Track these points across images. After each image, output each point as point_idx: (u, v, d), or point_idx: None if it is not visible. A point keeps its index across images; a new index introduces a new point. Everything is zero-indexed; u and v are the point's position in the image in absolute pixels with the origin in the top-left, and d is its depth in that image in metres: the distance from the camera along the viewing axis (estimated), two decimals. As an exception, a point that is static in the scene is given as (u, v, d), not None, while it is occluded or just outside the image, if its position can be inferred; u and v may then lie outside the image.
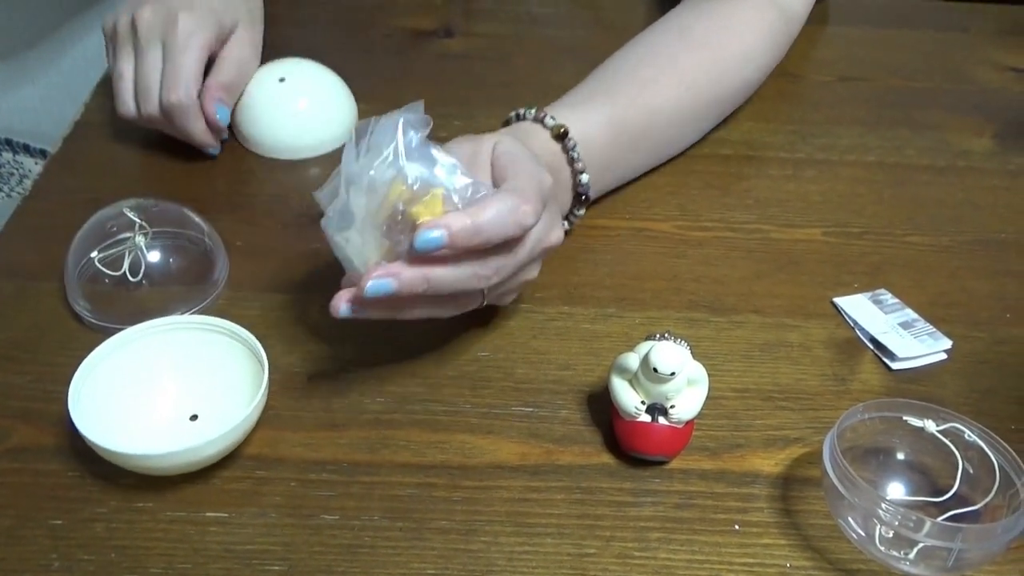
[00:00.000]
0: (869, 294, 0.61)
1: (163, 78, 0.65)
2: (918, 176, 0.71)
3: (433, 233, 0.45)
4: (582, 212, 0.62)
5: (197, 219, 0.59)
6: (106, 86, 0.77)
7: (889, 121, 0.77)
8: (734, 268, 0.63)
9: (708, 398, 0.50)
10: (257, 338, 0.51)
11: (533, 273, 0.54)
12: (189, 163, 0.69)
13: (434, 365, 0.55)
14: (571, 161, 0.60)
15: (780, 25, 0.73)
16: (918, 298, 0.61)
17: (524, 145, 0.54)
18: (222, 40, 0.68)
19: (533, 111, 0.61)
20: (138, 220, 0.57)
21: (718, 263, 0.63)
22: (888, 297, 0.61)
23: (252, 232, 0.63)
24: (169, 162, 0.69)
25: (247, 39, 0.70)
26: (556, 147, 0.60)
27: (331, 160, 0.69)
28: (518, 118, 0.62)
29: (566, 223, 0.62)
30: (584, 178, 0.60)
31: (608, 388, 0.50)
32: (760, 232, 0.66)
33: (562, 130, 0.60)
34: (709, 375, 0.50)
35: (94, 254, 0.57)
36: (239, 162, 0.69)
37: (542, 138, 0.60)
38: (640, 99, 0.64)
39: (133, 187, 0.66)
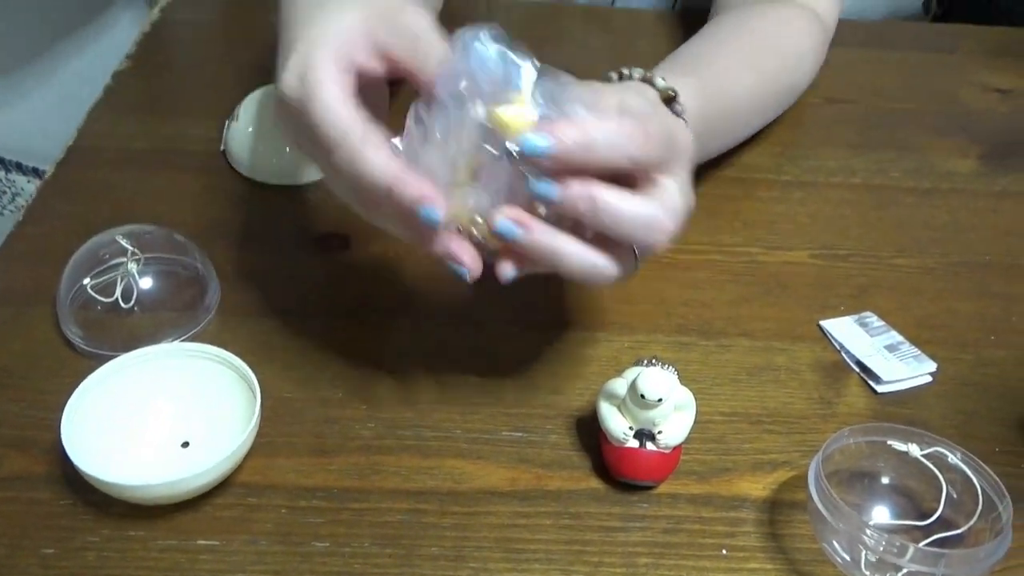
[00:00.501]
0: (855, 317, 0.61)
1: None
2: (904, 198, 0.72)
3: (539, 140, 0.43)
4: None
5: (189, 245, 0.60)
6: (99, 110, 0.77)
7: (875, 143, 0.78)
8: (722, 291, 0.63)
9: (696, 422, 0.50)
10: (249, 364, 0.52)
11: (659, 238, 0.47)
12: (182, 188, 0.69)
13: (424, 390, 0.56)
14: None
15: (821, 36, 0.76)
16: (903, 320, 0.61)
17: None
18: (356, 41, 0.46)
19: (640, 71, 0.58)
20: (130, 247, 0.57)
21: (706, 286, 0.64)
22: (874, 320, 0.61)
23: (244, 258, 0.64)
24: (162, 187, 0.69)
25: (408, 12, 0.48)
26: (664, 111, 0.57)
27: (319, 187, 0.70)
28: (620, 77, 0.58)
29: None
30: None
31: (597, 413, 0.51)
32: (748, 255, 0.67)
33: (672, 92, 0.57)
34: (697, 399, 0.51)
35: (86, 280, 0.57)
36: (232, 187, 0.70)
37: (649, 97, 0.56)
38: (717, 83, 0.63)
39: (126, 213, 0.66)
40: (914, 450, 0.49)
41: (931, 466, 0.49)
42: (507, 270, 0.47)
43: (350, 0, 0.47)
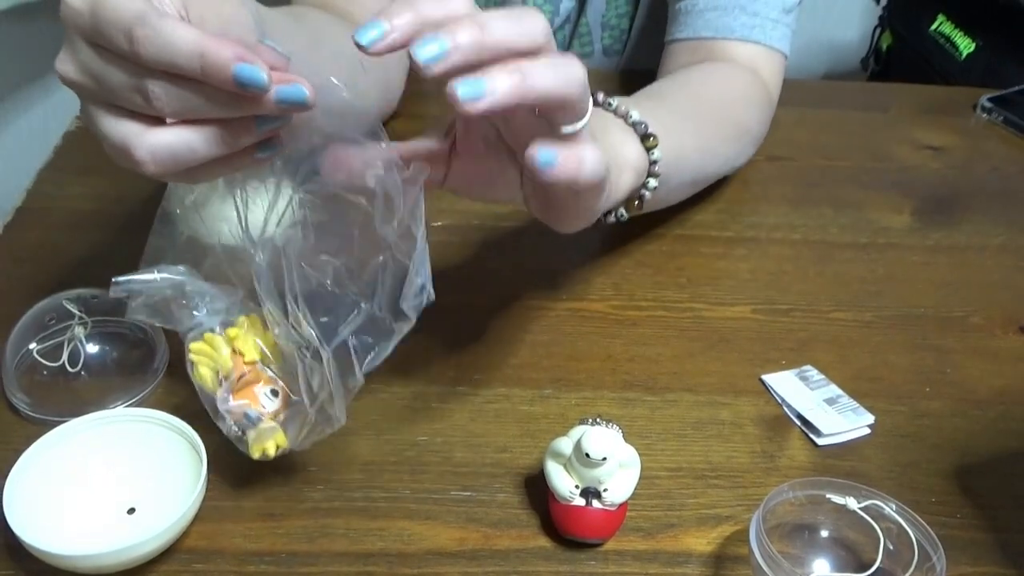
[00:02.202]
0: (796, 371, 0.63)
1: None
2: (841, 253, 0.75)
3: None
4: (658, 154, 0.58)
5: (137, 308, 0.60)
6: (48, 171, 0.77)
7: (814, 199, 0.80)
8: (667, 347, 0.65)
9: (642, 478, 0.51)
10: (196, 427, 0.52)
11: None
12: (130, 250, 0.69)
13: (373, 451, 0.56)
14: (607, 107, 0.58)
15: (768, 106, 0.79)
16: (842, 373, 0.63)
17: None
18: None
19: (613, 101, 0.58)
20: (77, 311, 0.57)
21: (652, 342, 0.65)
22: (814, 373, 0.63)
23: (193, 319, 0.64)
24: (111, 249, 0.69)
25: None
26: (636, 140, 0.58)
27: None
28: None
29: (652, 179, 0.59)
30: (635, 115, 0.58)
31: (544, 472, 0.51)
32: (692, 310, 0.68)
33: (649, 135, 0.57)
34: (643, 454, 0.51)
35: (33, 345, 0.57)
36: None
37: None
38: (677, 131, 0.63)
39: (74, 275, 0.66)
40: (852, 503, 0.50)
41: (868, 519, 0.50)
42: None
43: None
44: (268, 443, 0.49)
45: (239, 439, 0.50)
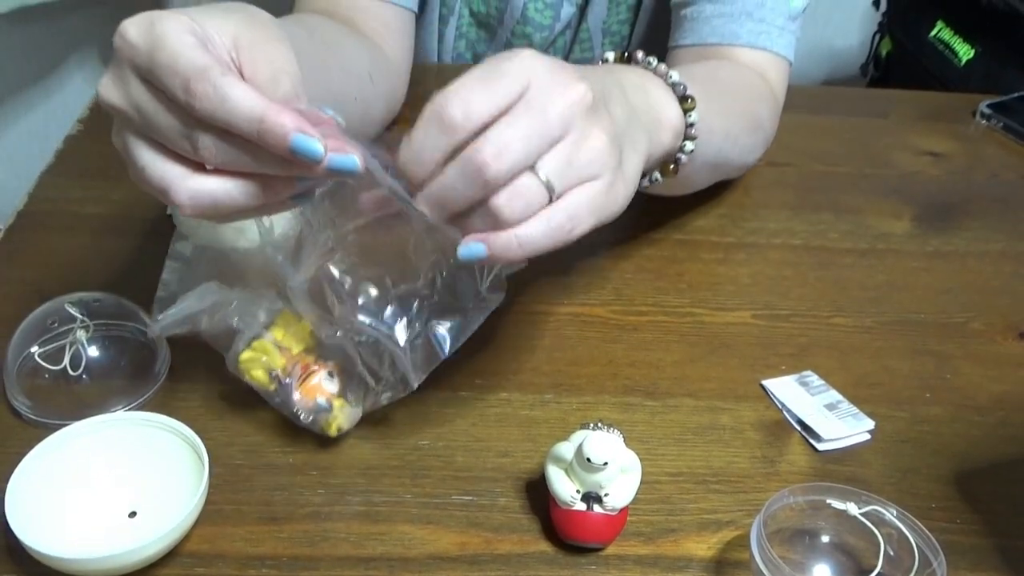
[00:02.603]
0: (796, 376, 0.63)
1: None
2: (841, 259, 0.75)
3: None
4: (695, 116, 0.58)
5: (139, 312, 0.60)
6: (50, 175, 0.77)
7: (814, 205, 0.81)
8: (668, 352, 0.65)
9: (643, 483, 0.51)
10: (198, 431, 0.52)
11: (590, 143, 0.45)
12: (132, 254, 0.70)
13: (375, 455, 0.56)
14: (647, 65, 0.58)
15: (777, 111, 0.79)
16: (842, 379, 0.63)
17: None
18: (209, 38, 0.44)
19: (648, 57, 0.59)
20: (79, 315, 0.57)
21: (652, 347, 0.65)
22: (814, 379, 0.63)
23: (195, 322, 0.64)
24: (112, 253, 0.70)
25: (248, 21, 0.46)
26: (622, 64, 0.58)
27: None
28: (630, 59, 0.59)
29: (689, 142, 0.59)
30: (674, 75, 0.58)
31: (545, 477, 0.51)
32: (693, 316, 0.68)
33: (624, 54, 0.57)
34: (644, 459, 0.52)
35: (34, 348, 0.57)
36: (183, 251, 0.70)
37: (600, 64, 0.57)
38: (706, 107, 0.61)
39: (76, 279, 0.66)
40: (852, 509, 0.50)
41: (869, 524, 0.50)
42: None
43: (231, 11, 0.45)
44: (342, 420, 0.55)
45: (312, 422, 0.54)
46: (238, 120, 0.41)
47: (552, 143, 0.44)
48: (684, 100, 0.58)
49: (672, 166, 0.60)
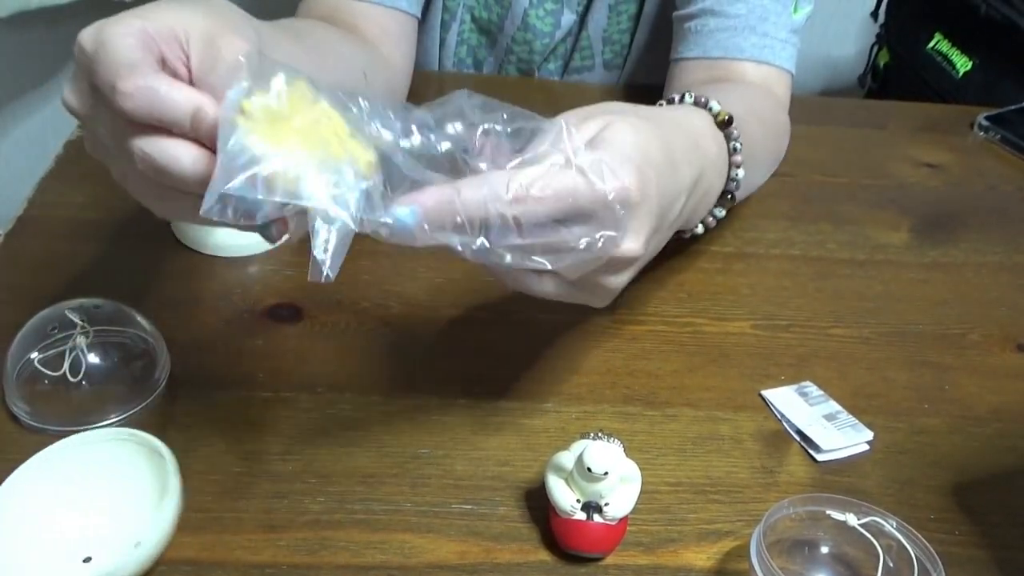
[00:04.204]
0: (795, 387, 0.63)
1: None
2: (840, 269, 0.75)
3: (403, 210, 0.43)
4: (722, 213, 0.60)
5: (139, 318, 0.60)
6: (49, 180, 0.77)
7: (812, 216, 0.81)
8: (667, 362, 0.65)
9: (642, 493, 0.51)
10: (196, 437, 0.52)
11: (614, 280, 0.49)
12: (132, 260, 0.70)
13: (374, 463, 0.56)
14: (731, 152, 0.58)
15: (785, 117, 0.80)
16: (841, 389, 0.63)
17: (682, 133, 0.52)
18: (167, 36, 0.43)
19: (692, 95, 0.58)
20: (79, 321, 0.57)
21: (652, 357, 0.65)
22: (813, 389, 0.63)
23: (194, 330, 0.64)
24: (112, 259, 0.70)
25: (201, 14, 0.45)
26: (719, 135, 0.57)
27: (271, 257, 0.71)
28: (670, 102, 0.59)
29: (701, 227, 0.61)
30: (739, 173, 0.58)
31: (545, 486, 0.52)
32: (692, 325, 0.68)
33: (727, 117, 0.57)
34: (644, 469, 0.52)
35: (34, 354, 0.57)
36: (182, 259, 0.70)
37: (706, 128, 0.56)
38: (744, 122, 0.62)
39: (76, 284, 0.66)
40: (851, 520, 0.50)
41: (868, 535, 0.50)
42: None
43: (190, 4, 0.45)
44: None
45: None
46: (169, 113, 0.40)
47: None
48: (725, 196, 0.61)
49: (730, 197, 0.62)
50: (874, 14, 1.30)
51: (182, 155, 0.41)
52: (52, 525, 0.50)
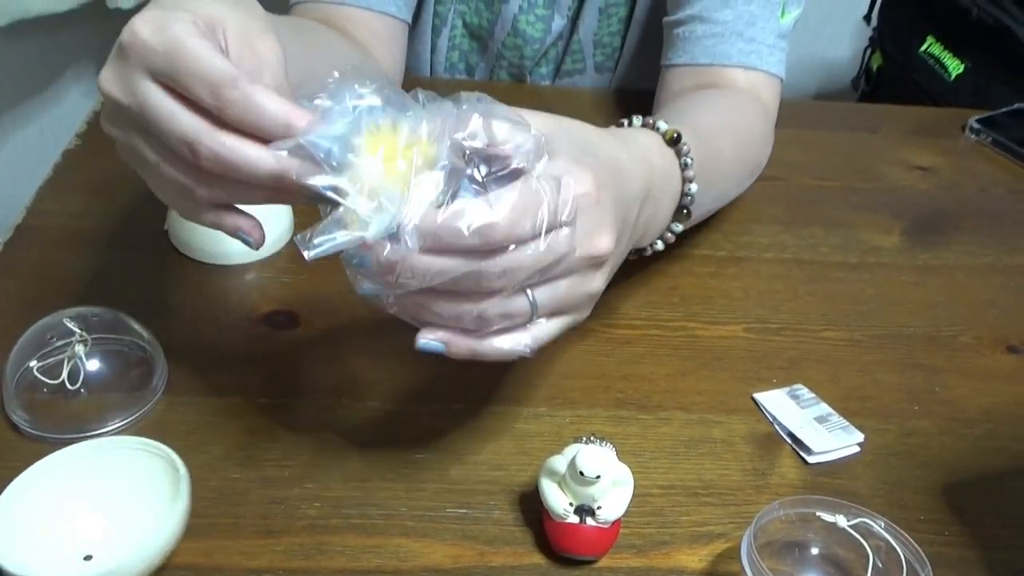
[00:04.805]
0: (787, 389, 0.64)
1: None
2: (832, 272, 0.76)
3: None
4: (680, 228, 0.62)
5: (136, 326, 0.60)
6: (48, 189, 0.78)
7: (804, 219, 0.82)
8: (660, 365, 0.66)
9: (635, 496, 0.52)
10: (194, 444, 0.53)
11: (589, 286, 0.49)
12: (131, 268, 0.70)
13: (370, 468, 0.57)
14: (683, 167, 0.59)
15: (769, 123, 0.80)
16: (832, 392, 0.64)
17: (626, 148, 0.52)
18: (207, 29, 0.45)
19: (640, 119, 0.60)
20: (78, 329, 0.58)
21: (645, 361, 0.66)
22: (804, 392, 0.64)
23: (192, 337, 0.65)
24: (111, 267, 0.70)
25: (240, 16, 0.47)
26: (668, 152, 0.59)
27: (267, 265, 0.71)
28: (619, 126, 0.60)
29: (660, 242, 0.62)
30: (692, 187, 0.60)
31: (538, 489, 0.52)
32: (685, 329, 0.69)
33: (675, 134, 0.58)
34: (637, 472, 0.52)
35: (33, 363, 0.58)
36: (179, 267, 0.71)
37: (652, 145, 0.58)
38: (706, 135, 0.64)
39: (74, 293, 0.67)
40: (841, 521, 0.51)
41: (858, 536, 0.51)
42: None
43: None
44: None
45: None
46: (266, 124, 0.43)
47: (557, 279, 0.47)
48: (681, 211, 0.61)
49: (634, 253, 0.62)
50: (867, 17, 1.31)
51: (261, 160, 0.44)
52: (57, 525, 0.51)
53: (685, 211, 0.61)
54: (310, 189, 0.43)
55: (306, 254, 0.43)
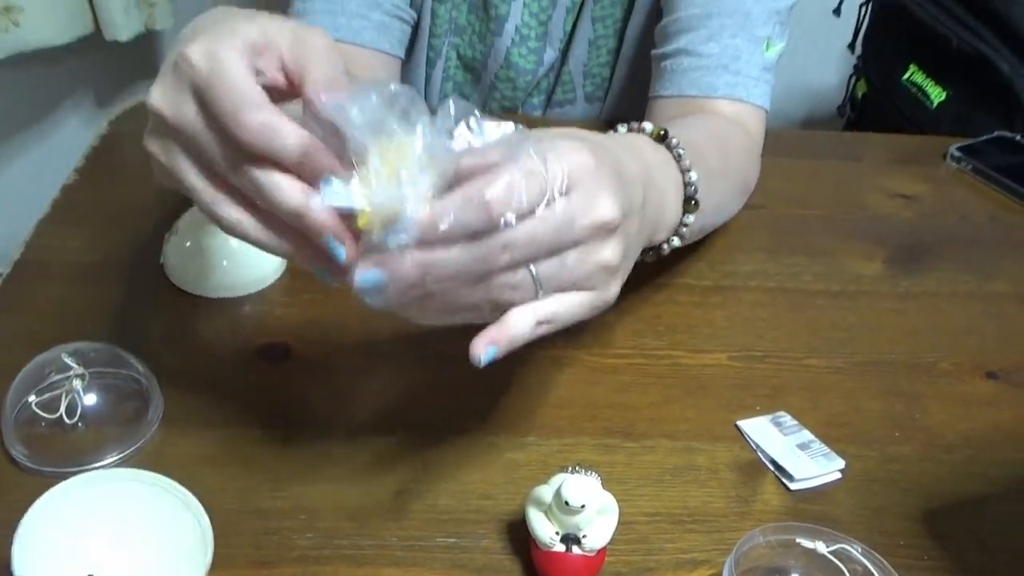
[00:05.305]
0: (770, 416, 0.65)
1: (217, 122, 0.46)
2: (814, 300, 0.77)
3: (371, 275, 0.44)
4: (692, 219, 0.62)
5: (133, 360, 0.62)
6: (47, 224, 0.80)
7: (788, 248, 0.83)
8: (645, 394, 0.67)
9: (620, 524, 0.53)
10: (189, 476, 0.54)
11: (599, 256, 0.48)
12: (128, 302, 0.72)
13: (362, 499, 0.58)
14: (677, 158, 0.60)
15: (757, 149, 0.82)
16: (814, 419, 0.65)
17: (616, 140, 0.53)
18: (261, 48, 0.47)
19: (625, 126, 0.61)
20: (75, 365, 0.59)
21: (631, 389, 0.67)
22: (787, 419, 0.65)
23: (187, 369, 0.66)
24: (109, 301, 0.71)
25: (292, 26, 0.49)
26: (659, 147, 0.60)
27: (260, 298, 0.73)
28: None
29: (676, 238, 0.62)
30: (693, 176, 0.60)
31: (525, 518, 0.53)
32: (670, 358, 0.70)
33: (662, 131, 0.60)
34: (622, 500, 0.54)
35: (31, 397, 0.59)
36: (175, 300, 0.72)
37: (642, 142, 0.59)
38: (697, 150, 0.64)
39: (71, 327, 0.68)
40: (821, 547, 0.52)
41: (837, 562, 0.52)
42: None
43: (256, 17, 0.49)
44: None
45: None
46: (282, 152, 0.45)
47: (563, 251, 0.47)
48: (688, 202, 0.62)
49: (651, 253, 0.63)
50: (851, 46, 1.33)
51: (284, 187, 0.45)
52: (67, 557, 0.51)
53: (693, 201, 0.62)
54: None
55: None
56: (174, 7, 1.46)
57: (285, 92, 0.48)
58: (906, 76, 1.21)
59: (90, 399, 0.59)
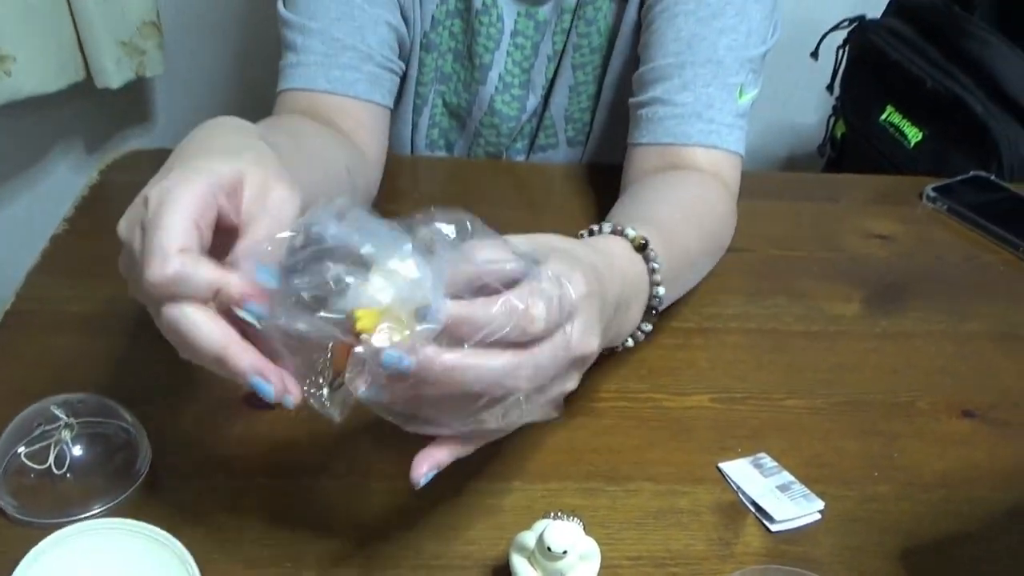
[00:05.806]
0: (751, 458, 0.66)
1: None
2: (794, 342, 0.79)
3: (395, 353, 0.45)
4: (649, 328, 0.65)
5: (121, 410, 0.63)
6: (36, 274, 0.81)
7: (768, 290, 0.85)
8: (628, 437, 0.68)
9: (604, 568, 0.54)
10: (176, 525, 0.54)
11: (568, 384, 0.52)
12: (116, 352, 0.73)
13: (348, 545, 0.58)
14: (651, 272, 0.63)
15: (732, 201, 0.84)
16: (794, 460, 0.66)
17: (600, 256, 0.56)
18: (230, 188, 0.50)
19: (610, 225, 0.64)
20: (64, 416, 0.60)
21: (614, 432, 0.68)
22: (767, 461, 0.66)
23: (173, 419, 0.67)
24: (97, 351, 0.72)
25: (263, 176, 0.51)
26: (636, 258, 0.63)
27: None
28: (591, 234, 0.64)
29: (630, 340, 0.65)
30: (660, 291, 0.63)
31: (509, 565, 0.54)
32: (653, 400, 0.72)
33: (643, 241, 0.62)
34: (605, 544, 0.54)
35: (20, 449, 0.60)
36: (162, 352, 0.72)
37: (620, 249, 0.62)
38: (671, 235, 0.68)
39: (60, 377, 0.69)
40: (798, 589, 0.53)
41: (816, 603, 0.53)
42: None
43: (243, 151, 0.52)
44: None
45: None
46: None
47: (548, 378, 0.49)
48: (650, 311, 0.65)
49: (654, 312, 0.65)
50: (830, 87, 1.36)
51: (202, 326, 0.49)
52: None
53: (653, 312, 0.65)
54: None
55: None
56: (164, 54, 1.49)
57: None
58: (883, 116, 1.24)
59: (78, 450, 0.60)
